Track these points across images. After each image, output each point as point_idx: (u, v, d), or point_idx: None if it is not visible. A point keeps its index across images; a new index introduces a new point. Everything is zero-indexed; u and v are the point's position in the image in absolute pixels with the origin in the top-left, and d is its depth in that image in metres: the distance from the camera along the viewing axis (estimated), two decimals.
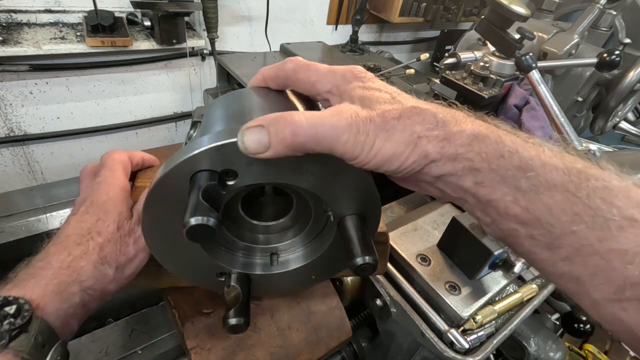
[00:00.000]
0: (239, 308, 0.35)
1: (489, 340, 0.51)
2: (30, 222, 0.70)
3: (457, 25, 2.06)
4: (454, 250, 0.56)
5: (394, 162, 0.27)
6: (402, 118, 0.27)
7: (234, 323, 0.34)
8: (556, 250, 0.25)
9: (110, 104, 1.52)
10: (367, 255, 0.29)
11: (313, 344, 0.48)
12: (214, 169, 0.28)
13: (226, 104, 0.37)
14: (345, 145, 0.26)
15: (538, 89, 0.76)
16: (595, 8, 1.02)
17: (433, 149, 0.27)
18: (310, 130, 0.26)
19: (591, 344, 1.43)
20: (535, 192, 0.25)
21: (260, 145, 0.26)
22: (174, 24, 1.34)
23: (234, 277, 0.38)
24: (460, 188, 0.28)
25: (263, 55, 1.50)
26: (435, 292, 0.51)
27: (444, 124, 0.28)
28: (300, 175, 0.30)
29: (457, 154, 0.27)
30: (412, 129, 0.27)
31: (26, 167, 1.49)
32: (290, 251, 0.41)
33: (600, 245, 0.23)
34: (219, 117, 0.34)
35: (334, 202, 0.33)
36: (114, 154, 0.46)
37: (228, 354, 0.44)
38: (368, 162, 0.28)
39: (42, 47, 1.18)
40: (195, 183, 0.28)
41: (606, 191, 0.24)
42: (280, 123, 0.26)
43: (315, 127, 0.26)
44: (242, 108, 0.35)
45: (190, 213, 0.26)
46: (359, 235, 0.32)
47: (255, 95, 0.36)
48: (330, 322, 0.50)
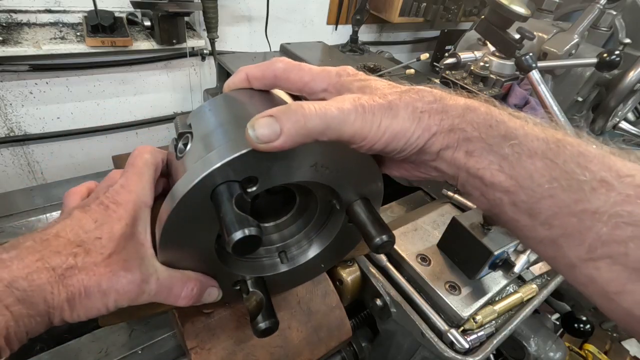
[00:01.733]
0: (266, 311, 0.36)
1: (489, 340, 0.51)
2: (30, 222, 0.70)
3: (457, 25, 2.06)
4: (454, 250, 0.56)
5: (402, 138, 0.29)
6: (402, 97, 0.29)
7: (266, 326, 0.35)
8: (536, 215, 0.26)
9: (110, 104, 1.52)
10: (383, 235, 0.31)
11: (313, 344, 0.48)
12: (235, 179, 0.28)
13: (217, 111, 0.35)
14: (353, 124, 0.27)
15: (538, 89, 0.76)
16: (595, 8, 1.02)
17: (434, 122, 0.29)
18: (319, 115, 0.27)
19: (591, 344, 1.43)
20: (518, 159, 0.27)
21: (273, 133, 0.26)
22: (174, 24, 1.34)
23: (250, 282, 0.38)
24: (454, 163, 0.30)
25: (263, 55, 1.50)
26: (435, 292, 0.51)
27: (440, 98, 0.30)
28: (316, 170, 0.31)
29: (453, 125, 0.29)
30: (414, 105, 0.29)
31: (26, 167, 1.49)
32: (298, 246, 0.42)
33: (575, 206, 0.24)
34: (216, 125, 0.33)
35: (343, 191, 0.34)
36: (145, 154, 0.36)
37: (228, 354, 0.44)
38: (377, 141, 0.29)
39: (42, 47, 1.18)
40: (221, 196, 0.27)
41: (582, 157, 0.25)
42: (290, 111, 0.27)
43: (324, 111, 0.27)
44: (239, 111, 0.34)
45: (233, 227, 0.26)
46: (370, 217, 0.33)
47: (245, 97, 0.36)
48: (331, 322, 0.50)
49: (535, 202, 0.26)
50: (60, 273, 0.28)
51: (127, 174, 0.35)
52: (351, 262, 0.57)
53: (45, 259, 0.28)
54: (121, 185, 0.34)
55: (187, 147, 0.33)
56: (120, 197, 0.33)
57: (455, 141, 0.29)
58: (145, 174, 0.35)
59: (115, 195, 0.33)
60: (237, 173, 0.28)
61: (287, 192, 0.39)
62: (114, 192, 0.33)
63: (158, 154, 0.37)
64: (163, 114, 1.67)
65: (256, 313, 0.35)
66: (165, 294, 0.34)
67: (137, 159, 0.36)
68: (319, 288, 0.52)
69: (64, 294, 0.28)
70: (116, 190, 0.33)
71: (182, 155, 0.33)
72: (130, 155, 0.37)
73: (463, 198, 0.69)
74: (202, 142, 0.32)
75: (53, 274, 0.28)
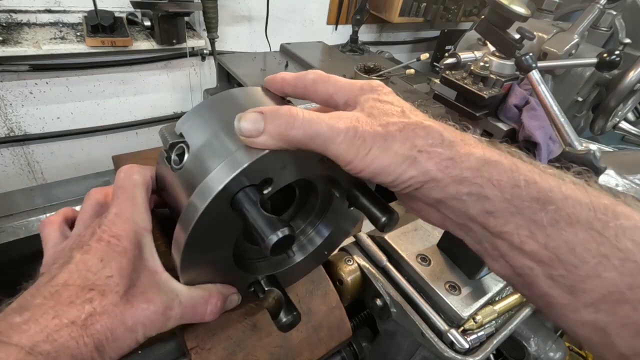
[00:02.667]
0: (286, 305, 0.36)
1: (489, 340, 0.51)
2: (30, 222, 0.70)
3: (457, 25, 2.06)
4: (454, 250, 0.56)
5: (390, 173, 0.26)
6: (404, 130, 0.26)
7: (290, 320, 0.35)
8: (579, 295, 0.22)
9: (110, 104, 1.52)
10: (387, 214, 0.32)
11: (313, 344, 0.48)
12: (253, 182, 0.28)
13: (210, 115, 0.33)
14: (339, 146, 0.26)
15: (538, 89, 0.76)
16: (595, 8, 1.02)
17: (434, 167, 0.25)
18: (305, 125, 0.26)
19: None
20: (556, 228, 0.23)
21: (255, 130, 0.26)
22: (174, 24, 1.34)
23: (264, 282, 0.38)
24: (465, 215, 0.26)
25: (263, 55, 1.50)
26: (435, 292, 0.51)
27: (450, 144, 0.26)
28: (324, 163, 0.31)
29: (463, 177, 0.25)
30: (412, 142, 0.26)
31: (26, 167, 1.49)
32: (305, 235, 0.43)
33: (632, 293, 0.21)
34: (215, 130, 0.32)
35: (343, 179, 0.35)
36: (133, 174, 0.33)
37: (228, 354, 0.44)
38: (362, 170, 0.27)
39: (42, 47, 1.18)
40: (245, 203, 0.27)
41: (638, 232, 0.21)
42: (277, 114, 0.26)
43: (311, 123, 0.26)
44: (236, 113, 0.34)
45: (268, 231, 0.26)
46: (371, 200, 0.34)
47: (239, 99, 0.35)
48: (331, 322, 0.50)
49: (580, 281, 0.22)
50: (81, 324, 0.26)
51: (119, 201, 0.31)
52: (351, 262, 0.57)
53: (61, 315, 0.26)
54: (116, 215, 0.31)
55: (184, 158, 0.32)
56: (118, 229, 0.30)
57: (465, 195, 0.25)
58: (138, 197, 0.32)
59: (113, 227, 0.30)
60: (255, 177, 0.28)
61: (287, 186, 0.40)
62: (110, 224, 0.30)
63: (146, 172, 0.34)
64: (163, 114, 1.67)
65: (277, 310, 0.35)
66: (191, 314, 0.33)
67: (125, 182, 0.33)
68: (319, 288, 0.52)
69: (90, 343, 0.26)
70: (112, 221, 0.30)
71: (180, 167, 0.31)
72: (117, 177, 0.33)
73: None
74: (204, 150, 0.31)
75: (74, 328, 0.26)
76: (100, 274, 0.28)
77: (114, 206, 0.31)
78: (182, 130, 0.33)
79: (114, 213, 0.31)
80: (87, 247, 0.29)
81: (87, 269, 0.28)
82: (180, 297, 0.32)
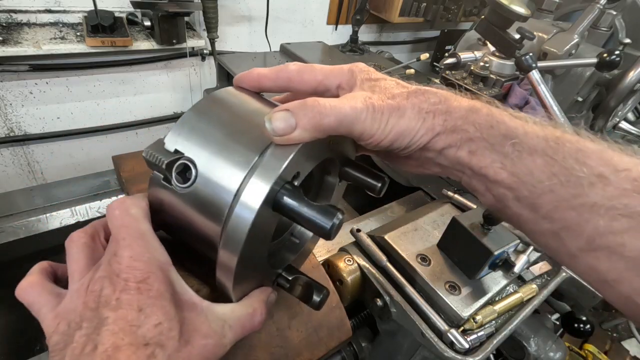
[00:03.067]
0: (315, 286, 0.37)
1: (489, 340, 0.51)
2: (30, 222, 0.70)
3: (457, 25, 2.06)
4: (454, 250, 0.56)
5: (407, 136, 0.31)
6: (410, 97, 0.31)
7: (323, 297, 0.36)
8: (538, 209, 0.28)
9: (110, 104, 1.52)
10: (381, 180, 0.35)
11: (313, 343, 0.48)
12: (288, 179, 0.29)
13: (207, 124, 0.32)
14: (364, 123, 0.29)
15: (538, 89, 0.76)
16: (595, 8, 1.02)
17: (438, 122, 0.31)
18: (335, 111, 0.28)
19: (591, 344, 1.43)
20: (519, 157, 0.28)
21: (288, 126, 0.28)
22: (174, 24, 1.34)
23: (285, 273, 0.38)
24: (457, 160, 0.31)
25: (263, 55, 1.50)
26: (435, 292, 0.51)
27: (445, 100, 0.31)
28: (329, 146, 0.33)
29: (456, 126, 0.30)
30: (420, 106, 0.31)
31: (26, 167, 1.49)
32: None
33: (574, 200, 0.26)
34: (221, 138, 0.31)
35: (339, 157, 0.36)
36: (129, 207, 0.30)
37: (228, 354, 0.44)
38: (383, 139, 0.30)
39: (42, 47, 1.18)
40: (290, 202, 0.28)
41: (580, 153, 0.26)
42: (307, 107, 0.28)
43: (337, 108, 0.29)
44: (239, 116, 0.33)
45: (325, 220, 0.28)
46: (363, 172, 0.36)
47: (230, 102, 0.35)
48: (331, 321, 0.50)
49: (537, 197, 0.27)
50: None
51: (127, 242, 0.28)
52: (351, 262, 0.57)
53: None
54: (132, 258, 0.28)
55: (192, 175, 0.30)
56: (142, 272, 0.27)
57: (458, 141, 0.31)
58: (146, 233, 0.30)
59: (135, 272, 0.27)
60: (289, 173, 0.29)
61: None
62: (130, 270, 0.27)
63: (141, 201, 0.32)
64: (163, 114, 1.67)
65: (308, 293, 0.36)
66: (241, 332, 0.32)
67: (125, 219, 0.30)
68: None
69: None
70: (131, 266, 0.27)
71: (188, 185, 0.30)
72: (110, 214, 0.30)
73: (463, 198, 0.69)
74: (215, 163, 0.30)
75: None
76: (148, 325, 0.26)
77: (124, 248, 0.28)
78: (176, 146, 0.31)
79: (128, 256, 0.28)
80: (116, 302, 0.26)
81: (130, 324, 0.25)
82: (228, 321, 0.31)
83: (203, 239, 0.31)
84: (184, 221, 0.31)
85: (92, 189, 0.78)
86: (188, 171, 0.30)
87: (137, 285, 0.26)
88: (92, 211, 0.74)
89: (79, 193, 0.77)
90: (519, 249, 0.59)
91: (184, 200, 0.30)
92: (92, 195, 0.77)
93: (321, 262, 0.55)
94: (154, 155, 0.30)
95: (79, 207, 0.74)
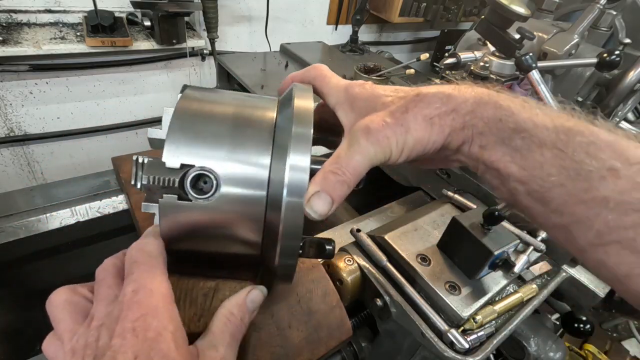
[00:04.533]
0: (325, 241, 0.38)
1: (489, 340, 0.51)
2: (30, 222, 0.70)
3: (457, 25, 2.06)
4: (454, 250, 0.56)
5: (419, 147, 0.31)
6: (409, 109, 0.31)
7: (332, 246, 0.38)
8: (548, 203, 0.27)
9: (110, 104, 1.52)
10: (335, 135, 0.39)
11: (313, 343, 0.48)
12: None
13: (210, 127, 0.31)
14: (377, 156, 0.31)
15: (538, 89, 0.76)
16: (595, 8, 1.02)
17: (446, 124, 0.31)
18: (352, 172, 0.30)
19: (591, 344, 1.43)
20: (529, 151, 0.28)
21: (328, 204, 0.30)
22: (174, 24, 1.34)
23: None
24: (472, 156, 0.31)
25: (263, 55, 1.50)
26: (435, 292, 0.51)
27: (448, 99, 0.31)
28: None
29: (465, 122, 0.30)
30: (422, 114, 0.31)
31: (26, 167, 1.49)
32: None
33: (585, 195, 0.25)
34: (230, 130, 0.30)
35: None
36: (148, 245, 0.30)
37: None
38: (399, 157, 0.31)
39: (42, 47, 1.18)
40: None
41: (592, 145, 0.26)
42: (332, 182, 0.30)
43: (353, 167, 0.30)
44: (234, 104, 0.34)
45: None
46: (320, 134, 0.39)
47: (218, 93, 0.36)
48: (331, 321, 0.50)
49: (547, 191, 0.27)
50: None
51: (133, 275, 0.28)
52: (351, 262, 0.57)
53: None
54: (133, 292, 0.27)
55: (214, 184, 0.29)
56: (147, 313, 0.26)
57: (470, 137, 0.31)
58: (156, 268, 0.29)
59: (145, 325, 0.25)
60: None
61: None
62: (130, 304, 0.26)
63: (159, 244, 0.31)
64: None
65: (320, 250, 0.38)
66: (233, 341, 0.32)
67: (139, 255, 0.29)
68: (319, 287, 0.52)
69: None
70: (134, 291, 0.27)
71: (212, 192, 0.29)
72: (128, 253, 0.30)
73: (463, 198, 0.69)
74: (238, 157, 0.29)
75: None
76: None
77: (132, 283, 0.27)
78: (180, 160, 0.28)
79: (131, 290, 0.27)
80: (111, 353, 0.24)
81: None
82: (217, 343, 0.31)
83: (241, 238, 0.31)
84: (214, 231, 0.30)
85: (92, 189, 0.78)
86: (203, 180, 0.29)
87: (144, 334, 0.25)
88: (92, 211, 0.74)
89: (79, 193, 0.77)
90: (519, 249, 0.59)
91: (212, 210, 0.29)
92: (92, 195, 0.77)
93: (321, 262, 0.55)
94: (160, 179, 0.28)
95: (79, 207, 0.74)
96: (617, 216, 0.24)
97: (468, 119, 0.30)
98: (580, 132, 0.26)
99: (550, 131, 0.27)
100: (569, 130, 0.27)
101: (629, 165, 0.24)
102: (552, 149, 0.27)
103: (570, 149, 0.26)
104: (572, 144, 0.26)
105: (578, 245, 0.27)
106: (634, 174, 0.24)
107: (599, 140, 0.26)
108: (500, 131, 0.29)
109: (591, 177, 0.25)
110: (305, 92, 0.35)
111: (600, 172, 0.25)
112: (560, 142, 0.27)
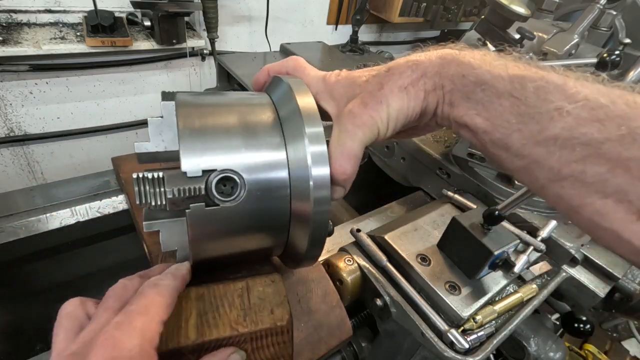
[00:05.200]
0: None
1: (489, 340, 0.51)
2: (30, 222, 0.70)
3: (457, 25, 2.06)
4: (454, 250, 0.56)
5: (402, 116, 0.33)
6: (384, 84, 0.33)
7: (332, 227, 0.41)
8: (509, 148, 0.29)
9: (110, 104, 1.52)
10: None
11: (313, 343, 0.48)
12: None
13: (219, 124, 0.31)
14: (366, 136, 0.33)
15: None
16: (595, 8, 1.02)
17: (420, 89, 0.33)
18: (348, 163, 0.33)
19: (591, 344, 1.43)
20: (489, 102, 0.30)
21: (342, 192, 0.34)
22: (174, 24, 1.34)
23: None
24: (445, 115, 0.33)
25: (263, 55, 1.50)
26: (435, 292, 0.51)
27: (417, 66, 0.33)
28: None
29: (435, 84, 0.32)
30: (397, 85, 0.33)
31: (26, 167, 1.49)
32: None
33: (539, 136, 0.27)
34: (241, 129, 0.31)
35: None
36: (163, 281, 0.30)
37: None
38: (387, 132, 0.33)
39: (42, 47, 1.18)
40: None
41: (542, 90, 0.27)
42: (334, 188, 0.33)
43: (345, 152, 0.33)
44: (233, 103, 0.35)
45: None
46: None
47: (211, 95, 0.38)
48: (331, 321, 0.50)
49: (507, 137, 0.29)
50: None
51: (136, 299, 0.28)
52: (351, 262, 0.57)
53: None
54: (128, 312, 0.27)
55: (238, 185, 0.29)
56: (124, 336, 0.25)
57: (442, 97, 0.33)
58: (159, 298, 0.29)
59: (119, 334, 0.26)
60: None
61: None
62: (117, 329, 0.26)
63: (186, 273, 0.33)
64: None
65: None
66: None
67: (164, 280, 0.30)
68: (319, 287, 0.52)
69: None
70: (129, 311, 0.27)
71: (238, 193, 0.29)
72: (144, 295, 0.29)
73: (463, 198, 0.69)
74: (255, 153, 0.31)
75: None
76: None
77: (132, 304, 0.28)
78: (201, 167, 0.28)
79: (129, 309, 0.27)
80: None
81: None
82: None
83: (269, 231, 0.34)
84: (243, 230, 0.32)
85: (92, 189, 0.78)
86: (222, 183, 0.29)
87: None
88: (92, 211, 0.74)
89: (79, 193, 0.77)
90: (519, 249, 0.59)
91: (240, 210, 0.29)
92: (92, 195, 0.76)
93: (321, 262, 0.55)
94: (186, 190, 0.27)
95: (79, 207, 0.74)
96: (568, 152, 0.26)
97: (437, 80, 0.32)
98: (530, 78, 0.28)
99: (506, 81, 0.29)
100: (522, 77, 0.28)
101: (575, 103, 0.26)
102: (509, 97, 0.29)
103: (523, 96, 0.28)
104: (525, 91, 0.28)
105: (539, 184, 0.28)
106: (579, 110, 0.25)
107: (548, 83, 0.27)
108: (465, 86, 0.31)
109: (542, 118, 0.27)
110: (300, 85, 0.36)
111: (550, 114, 0.26)
112: (515, 90, 0.28)
